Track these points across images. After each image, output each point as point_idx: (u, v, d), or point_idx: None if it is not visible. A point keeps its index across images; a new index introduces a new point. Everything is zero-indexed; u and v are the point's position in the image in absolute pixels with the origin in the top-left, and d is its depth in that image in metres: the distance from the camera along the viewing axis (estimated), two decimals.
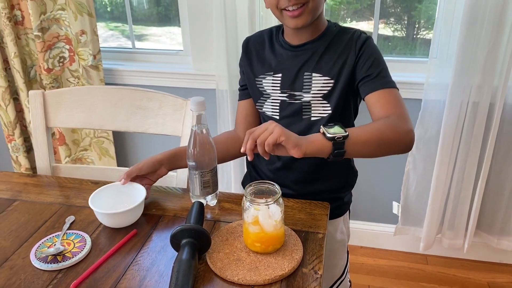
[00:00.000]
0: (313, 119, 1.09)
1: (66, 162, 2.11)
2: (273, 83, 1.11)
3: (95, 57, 1.91)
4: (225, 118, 1.89)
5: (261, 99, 1.15)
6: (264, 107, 1.15)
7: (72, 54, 1.95)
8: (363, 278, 1.94)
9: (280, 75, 1.10)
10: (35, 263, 0.88)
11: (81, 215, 1.04)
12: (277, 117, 1.12)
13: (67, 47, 1.94)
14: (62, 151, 2.09)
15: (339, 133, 0.88)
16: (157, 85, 1.95)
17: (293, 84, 1.09)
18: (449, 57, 1.66)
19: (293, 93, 1.09)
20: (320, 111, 1.08)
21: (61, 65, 1.96)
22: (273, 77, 1.11)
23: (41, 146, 1.34)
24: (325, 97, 1.06)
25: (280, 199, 0.87)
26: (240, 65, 1.21)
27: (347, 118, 1.12)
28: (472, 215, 1.85)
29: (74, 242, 0.93)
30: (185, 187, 1.25)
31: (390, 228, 2.04)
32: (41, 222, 1.02)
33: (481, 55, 1.60)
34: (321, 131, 0.89)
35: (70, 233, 0.96)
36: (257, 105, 1.17)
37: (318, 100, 1.07)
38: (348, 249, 1.29)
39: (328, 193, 1.15)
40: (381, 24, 1.87)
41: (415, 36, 1.90)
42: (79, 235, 0.96)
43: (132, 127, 1.33)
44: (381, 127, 0.94)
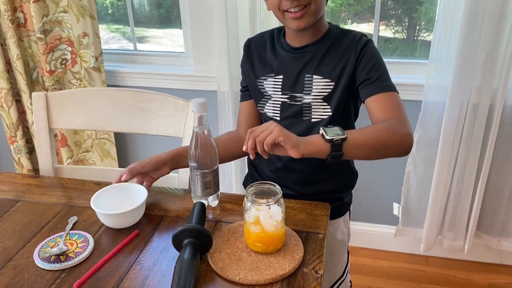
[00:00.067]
0: (313, 120, 1.09)
1: (68, 163, 2.12)
2: (274, 84, 1.12)
3: (97, 59, 1.92)
4: (226, 119, 1.90)
5: (262, 100, 1.16)
6: (265, 108, 1.16)
7: (74, 56, 1.96)
8: (363, 279, 1.94)
9: (281, 76, 1.11)
10: (38, 263, 0.88)
11: (83, 216, 1.05)
12: (278, 118, 1.13)
13: (69, 49, 1.95)
14: (64, 153, 2.10)
15: (337, 135, 0.89)
16: (158, 87, 1.96)
17: (294, 85, 1.10)
18: (449, 59, 1.67)
19: (294, 95, 1.10)
20: (320, 113, 1.09)
21: (63, 67, 1.98)
22: (274, 78, 1.12)
23: (44, 147, 1.35)
24: (326, 99, 1.07)
25: (281, 200, 0.87)
26: (241, 66, 1.22)
27: (348, 120, 1.13)
28: (472, 216, 1.85)
29: (77, 242, 0.94)
30: (186, 188, 1.26)
31: (390, 229, 2.05)
32: (44, 222, 1.03)
33: (480, 57, 1.60)
34: (320, 132, 0.91)
35: (73, 233, 0.97)
36: (258, 106, 1.18)
37: (318, 102, 1.08)
38: (348, 250, 1.29)
39: (328, 194, 1.16)
40: (381, 26, 1.88)
41: (415, 38, 1.91)
42: (82, 235, 0.96)
43: (134, 129, 1.34)
44: (379, 131, 0.95)
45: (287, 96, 1.11)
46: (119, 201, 1.03)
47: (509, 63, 1.59)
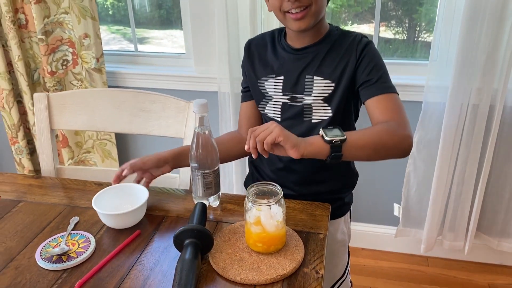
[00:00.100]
0: (314, 121, 1.10)
1: (69, 164, 2.13)
2: (275, 85, 1.13)
3: (98, 60, 1.92)
4: (227, 120, 1.90)
5: (263, 101, 1.16)
6: (266, 109, 1.16)
7: (75, 57, 1.97)
8: (364, 279, 1.94)
9: (282, 77, 1.12)
10: (40, 263, 0.89)
11: (85, 216, 1.05)
12: (279, 119, 1.14)
13: (71, 50, 1.96)
14: (65, 153, 2.11)
15: (337, 136, 0.89)
16: (159, 87, 1.97)
17: (294, 86, 1.10)
18: (449, 60, 1.67)
19: (295, 96, 1.10)
20: (321, 113, 1.09)
21: (64, 68, 1.98)
22: (275, 79, 1.12)
23: (45, 148, 1.36)
24: (326, 100, 1.08)
25: (281, 200, 0.88)
26: (242, 67, 1.22)
27: (348, 120, 1.13)
28: (472, 217, 1.86)
29: (78, 242, 0.94)
30: (187, 188, 1.27)
31: (391, 230, 2.05)
32: (45, 222, 1.03)
33: (481, 58, 1.61)
34: (320, 133, 0.91)
35: (74, 233, 0.98)
36: (259, 107, 1.18)
37: (319, 103, 1.08)
38: (349, 250, 1.30)
39: (328, 194, 1.16)
40: (382, 27, 1.88)
41: (416, 39, 1.91)
42: (84, 235, 0.97)
43: (135, 129, 1.34)
44: (379, 132, 0.95)
45: (287, 97, 1.11)
46: (120, 202, 1.03)
47: (509, 64, 1.59)
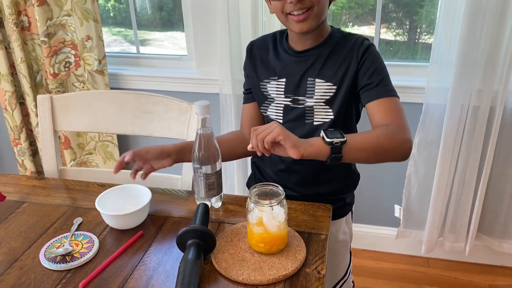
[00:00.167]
0: (315, 123, 1.11)
1: (71, 165, 2.14)
2: (277, 87, 1.13)
3: (100, 62, 1.93)
4: (229, 122, 1.91)
5: (265, 103, 1.17)
6: (268, 110, 1.17)
7: (77, 59, 1.98)
8: (365, 281, 1.95)
9: (284, 80, 1.12)
10: (44, 263, 0.90)
11: (88, 217, 1.06)
12: (281, 121, 1.14)
13: (73, 52, 1.97)
14: (67, 155, 2.12)
15: (337, 138, 0.90)
16: (161, 89, 1.98)
17: (296, 89, 1.11)
18: (450, 62, 1.68)
19: (297, 98, 1.11)
20: (322, 116, 1.10)
21: (66, 70, 1.99)
22: (277, 81, 1.13)
23: (48, 149, 1.37)
24: (328, 103, 1.08)
25: (283, 201, 0.88)
26: (244, 69, 1.23)
27: (349, 122, 1.14)
28: (473, 218, 1.86)
29: (82, 242, 0.95)
30: (190, 189, 1.27)
31: (392, 231, 2.05)
32: (49, 223, 1.04)
33: (481, 59, 1.62)
34: (321, 135, 0.92)
35: (78, 234, 0.98)
36: (261, 108, 1.19)
37: (320, 105, 1.09)
38: (351, 250, 1.30)
39: (330, 195, 1.17)
40: (382, 28, 1.89)
41: (416, 40, 1.92)
42: (87, 236, 0.98)
43: (137, 131, 1.35)
44: (379, 135, 0.96)
45: (289, 99, 1.12)
46: (123, 203, 1.04)
47: (509, 66, 1.60)
